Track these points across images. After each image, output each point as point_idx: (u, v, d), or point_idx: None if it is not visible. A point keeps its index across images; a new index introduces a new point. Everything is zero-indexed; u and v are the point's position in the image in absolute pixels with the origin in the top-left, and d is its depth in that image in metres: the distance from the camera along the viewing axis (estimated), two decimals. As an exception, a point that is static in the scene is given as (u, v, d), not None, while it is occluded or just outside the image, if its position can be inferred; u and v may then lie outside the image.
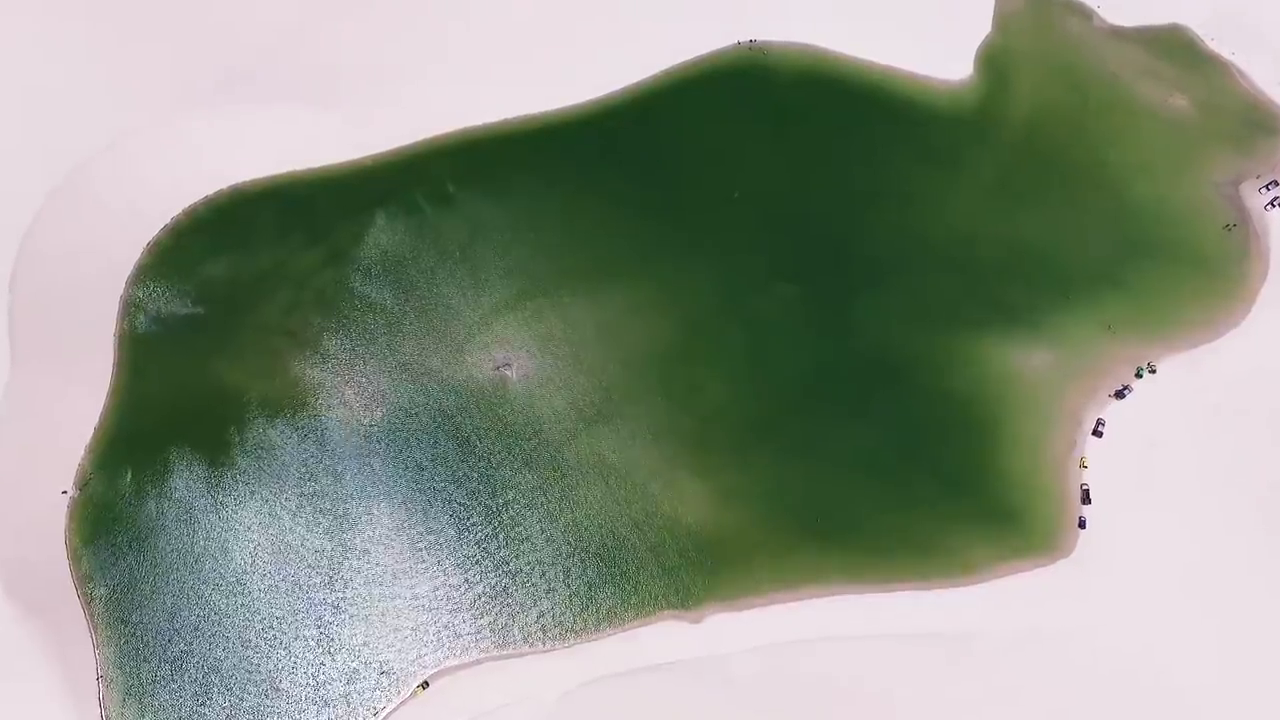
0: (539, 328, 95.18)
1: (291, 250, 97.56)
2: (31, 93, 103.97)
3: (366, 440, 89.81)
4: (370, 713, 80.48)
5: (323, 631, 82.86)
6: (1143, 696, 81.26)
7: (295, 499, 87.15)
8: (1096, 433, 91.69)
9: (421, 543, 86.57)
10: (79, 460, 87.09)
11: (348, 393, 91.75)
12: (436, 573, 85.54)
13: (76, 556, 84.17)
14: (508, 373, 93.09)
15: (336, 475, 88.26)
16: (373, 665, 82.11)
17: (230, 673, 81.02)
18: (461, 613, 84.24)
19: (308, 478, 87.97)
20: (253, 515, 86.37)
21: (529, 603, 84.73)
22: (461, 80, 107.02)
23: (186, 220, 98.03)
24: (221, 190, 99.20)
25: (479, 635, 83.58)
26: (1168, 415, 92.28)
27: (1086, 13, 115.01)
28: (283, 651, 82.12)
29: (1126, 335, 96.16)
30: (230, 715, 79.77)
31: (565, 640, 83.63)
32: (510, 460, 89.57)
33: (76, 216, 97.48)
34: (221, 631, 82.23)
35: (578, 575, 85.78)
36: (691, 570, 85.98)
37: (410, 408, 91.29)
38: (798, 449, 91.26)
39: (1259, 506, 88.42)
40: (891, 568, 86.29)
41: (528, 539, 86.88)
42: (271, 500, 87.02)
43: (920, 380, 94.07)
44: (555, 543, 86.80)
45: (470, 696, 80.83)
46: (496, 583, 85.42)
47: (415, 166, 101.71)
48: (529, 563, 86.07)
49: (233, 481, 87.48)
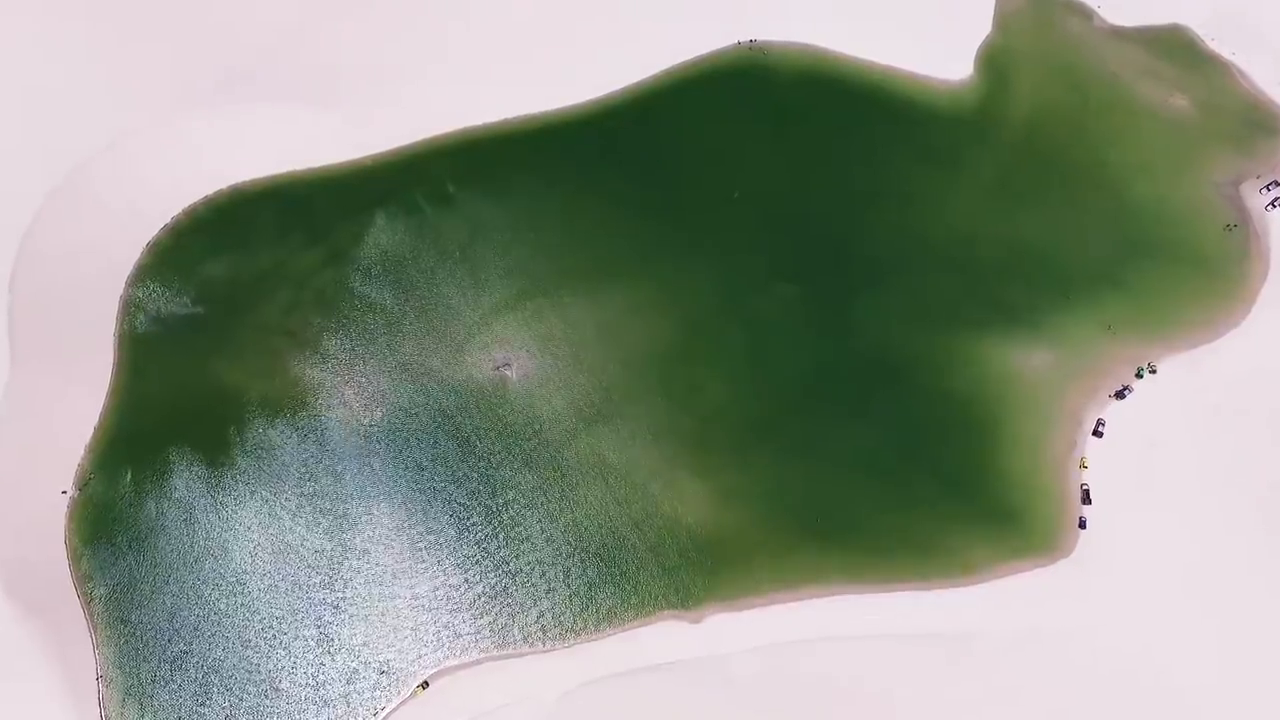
0: (539, 328, 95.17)
1: (291, 250, 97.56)
2: (31, 93, 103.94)
3: (366, 440, 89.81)
4: (370, 713, 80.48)
5: (322, 631, 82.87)
6: (1143, 696, 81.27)
7: (295, 499, 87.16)
8: (1097, 433, 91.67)
9: (421, 543, 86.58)
10: (79, 460, 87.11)
11: (348, 393, 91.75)
12: (436, 573, 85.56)
13: (76, 556, 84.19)
14: (508, 373, 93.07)
15: (336, 475, 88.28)
16: (372, 665, 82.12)
17: (230, 673, 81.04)
18: (461, 613, 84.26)
19: (308, 478, 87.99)
20: (252, 515, 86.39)
21: (529, 603, 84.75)
22: (461, 80, 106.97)
23: (186, 220, 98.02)
24: (221, 190, 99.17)
25: (479, 635, 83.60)
26: (1168, 415, 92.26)
27: (1087, 13, 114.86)
28: (282, 651, 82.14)
29: (1127, 335, 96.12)
30: (230, 715, 79.81)
31: (565, 640, 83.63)
32: (510, 460, 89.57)
33: (76, 216, 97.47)
34: (221, 631, 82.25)
35: (578, 575, 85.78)
36: (691, 570, 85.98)
37: (410, 408, 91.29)
38: (798, 449, 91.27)
39: (1259, 506, 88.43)
40: (892, 568, 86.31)
41: (527, 539, 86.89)
42: (271, 500, 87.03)
43: (920, 380, 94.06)
44: (555, 543, 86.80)
45: (470, 696, 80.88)
46: (496, 583, 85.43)
47: (415, 166, 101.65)
48: (529, 563, 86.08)
49: (233, 481, 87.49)
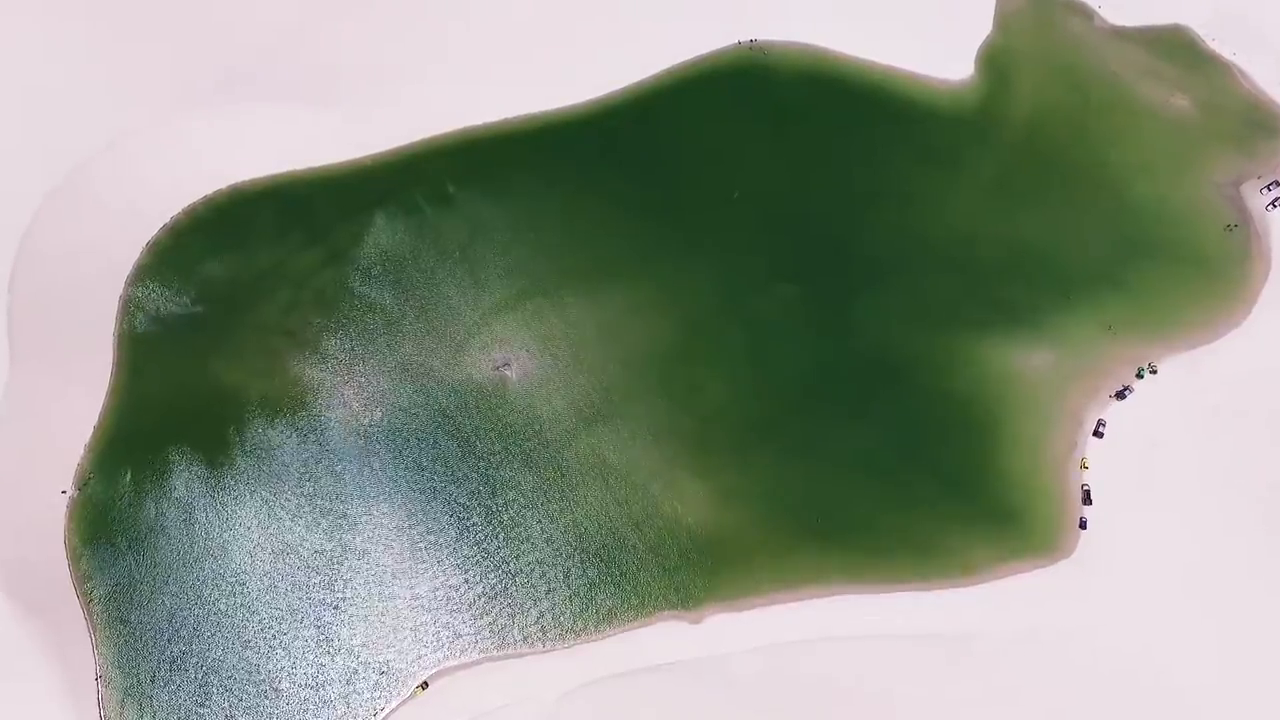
0: (539, 328, 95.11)
1: (291, 250, 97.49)
2: (31, 93, 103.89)
3: (366, 440, 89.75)
4: (370, 713, 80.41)
5: (322, 632, 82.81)
6: (1143, 697, 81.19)
7: (295, 499, 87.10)
8: (1097, 433, 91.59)
9: (421, 543, 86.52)
10: (78, 460, 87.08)
11: (348, 393, 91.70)
12: (436, 573, 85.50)
13: (76, 556, 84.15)
14: (508, 373, 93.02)
15: (336, 475, 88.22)
16: (372, 665, 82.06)
17: (229, 673, 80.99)
18: (461, 613, 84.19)
19: (307, 478, 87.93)
20: (252, 515, 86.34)
21: (529, 603, 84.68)
22: (461, 80, 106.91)
23: (186, 220, 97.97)
24: (221, 190, 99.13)
25: (479, 636, 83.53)
26: (1168, 416, 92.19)
27: (1088, 13, 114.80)
28: (282, 652, 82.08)
29: (1127, 336, 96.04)
30: (229, 716, 79.74)
31: (565, 640, 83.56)
32: (510, 460, 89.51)
33: (76, 216, 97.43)
34: (221, 632, 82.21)
35: (578, 575, 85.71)
36: (691, 570, 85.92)
37: (410, 408, 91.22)
38: (798, 449, 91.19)
39: (1259, 507, 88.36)
40: (892, 568, 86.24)
41: (527, 539, 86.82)
42: (271, 500, 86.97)
43: (920, 380, 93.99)
44: (555, 543, 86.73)
45: (470, 696, 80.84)
46: (496, 583, 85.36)
47: (415, 166, 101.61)
48: (529, 563, 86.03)
49: (232, 481, 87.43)
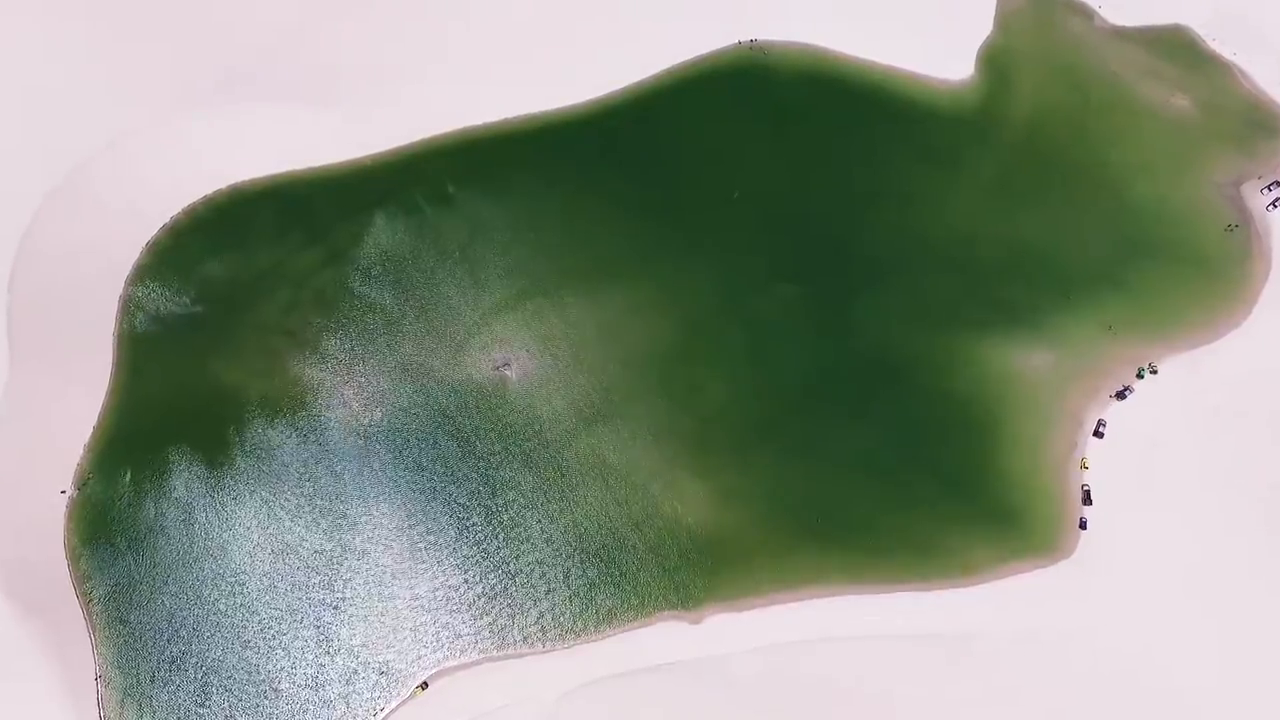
0: (539, 328, 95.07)
1: (291, 250, 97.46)
2: (31, 93, 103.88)
3: (366, 440, 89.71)
4: (369, 713, 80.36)
5: (322, 632, 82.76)
6: (1143, 697, 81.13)
7: (294, 499, 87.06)
8: (1097, 433, 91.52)
9: (421, 543, 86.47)
10: (78, 460, 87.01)
11: (347, 393, 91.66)
12: (436, 573, 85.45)
13: (75, 556, 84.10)
14: (508, 373, 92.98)
15: (336, 475, 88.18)
16: (372, 666, 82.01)
17: (229, 673, 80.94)
18: (461, 613, 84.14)
19: (307, 478, 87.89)
20: (252, 515, 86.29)
21: (529, 603, 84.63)
22: (461, 80, 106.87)
23: (186, 220, 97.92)
24: (221, 190, 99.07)
25: (479, 635, 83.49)
26: (1169, 416, 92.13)
27: (1088, 13, 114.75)
28: (282, 652, 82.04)
29: (1127, 336, 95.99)
30: (229, 716, 79.68)
31: (565, 640, 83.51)
32: (510, 460, 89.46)
33: (76, 216, 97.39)
34: (220, 632, 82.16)
35: (577, 575, 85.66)
36: (691, 570, 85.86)
37: (410, 408, 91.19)
38: (798, 449, 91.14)
39: (1260, 507, 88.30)
40: (892, 568, 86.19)
41: (527, 539, 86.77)
42: (271, 500, 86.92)
43: (920, 380, 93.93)
44: (555, 543, 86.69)
45: (470, 697, 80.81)
46: (496, 583, 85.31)
47: (415, 166, 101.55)
48: (529, 563, 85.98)
49: (232, 481, 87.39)
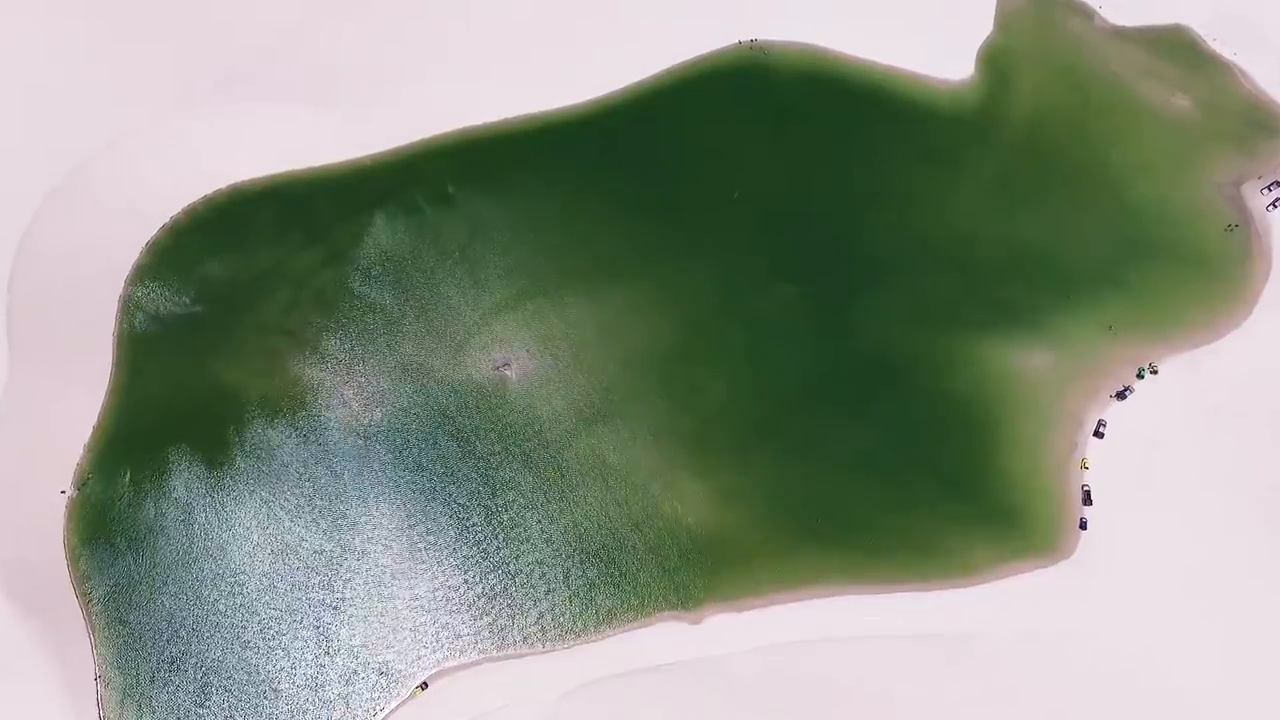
0: (539, 328, 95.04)
1: (291, 250, 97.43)
2: (31, 93, 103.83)
3: (366, 440, 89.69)
4: (369, 714, 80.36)
5: (321, 632, 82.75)
6: (1143, 697, 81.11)
7: (294, 499, 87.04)
8: (1098, 434, 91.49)
9: (421, 543, 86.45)
10: (77, 460, 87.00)
11: (347, 393, 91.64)
12: (436, 573, 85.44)
13: (75, 556, 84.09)
14: (508, 373, 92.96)
15: (336, 475, 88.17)
16: (372, 666, 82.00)
17: (229, 674, 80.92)
18: (461, 613, 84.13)
19: (307, 478, 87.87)
20: (251, 515, 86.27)
21: (529, 603, 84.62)
22: (461, 80, 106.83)
23: (186, 220, 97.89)
24: (221, 190, 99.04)
25: (478, 636, 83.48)
26: (1169, 416, 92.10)
27: (1088, 12, 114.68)
28: (281, 652, 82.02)
29: (1128, 336, 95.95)
30: (228, 716, 79.68)
31: (565, 641, 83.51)
32: (510, 460, 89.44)
33: (76, 216, 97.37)
34: (220, 632, 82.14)
35: (577, 576, 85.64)
36: (691, 570, 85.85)
37: (410, 408, 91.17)
38: (798, 449, 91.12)
39: (1260, 507, 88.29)
40: (892, 568, 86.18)
41: (527, 539, 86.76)
42: (270, 500, 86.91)
43: (920, 380, 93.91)
44: (555, 543, 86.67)
45: (470, 697, 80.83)
46: (496, 583, 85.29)
47: (415, 166, 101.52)
48: (528, 563, 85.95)
49: (232, 481, 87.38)
